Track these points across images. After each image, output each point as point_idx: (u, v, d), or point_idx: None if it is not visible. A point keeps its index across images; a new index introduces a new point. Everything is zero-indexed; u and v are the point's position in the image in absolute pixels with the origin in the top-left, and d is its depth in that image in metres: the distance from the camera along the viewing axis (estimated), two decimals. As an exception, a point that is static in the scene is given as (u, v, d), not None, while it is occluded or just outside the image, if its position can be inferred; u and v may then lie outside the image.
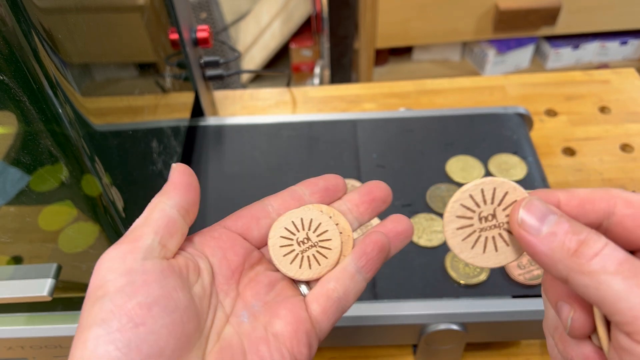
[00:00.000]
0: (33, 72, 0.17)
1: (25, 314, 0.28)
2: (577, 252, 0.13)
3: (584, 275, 0.13)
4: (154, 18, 0.31)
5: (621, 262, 0.13)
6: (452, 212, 0.15)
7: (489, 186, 0.15)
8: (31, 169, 0.20)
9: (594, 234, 0.13)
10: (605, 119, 0.47)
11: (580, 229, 0.14)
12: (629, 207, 0.14)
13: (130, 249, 0.14)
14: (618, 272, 0.13)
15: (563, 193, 0.15)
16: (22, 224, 0.23)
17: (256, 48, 1.12)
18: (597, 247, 0.13)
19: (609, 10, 0.98)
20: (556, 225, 0.14)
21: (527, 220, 0.14)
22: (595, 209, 0.14)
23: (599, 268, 0.13)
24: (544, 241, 0.14)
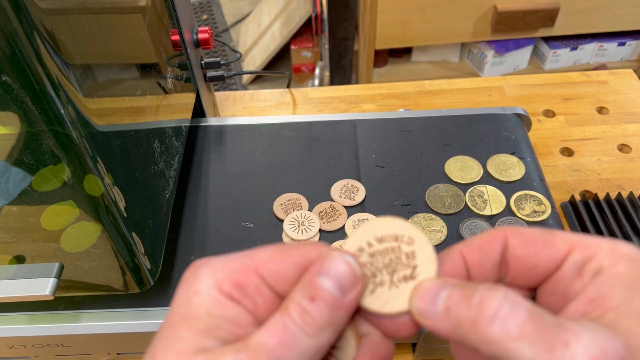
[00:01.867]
0: (35, 73, 0.18)
1: (27, 312, 0.28)
2: (475, 320, 0.12)
3: (490, 345, 0.12)
4: (156, 19, 0.32)
5: (523, 323, 0.12)
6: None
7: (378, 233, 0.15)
8: (33, 169, 0.20)
9: (488, 291, 0.12)
10: (603, 119, 0.47)
11: (471, 291, 0.13)
12: (518, 236, 0.14)
13: None
14: (522, 336, 0.11)
15: (462, 245, 0.15)
16: (24, 223, 0.23)
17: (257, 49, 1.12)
18: (494, 307, 0.12)
19: (607, 12, 0.98)
20: (448, 299, 0.13)
21: (422, 307, 0.14)
22: (494, 248, 0.15)
23: (501, 334, 0.12)
24: (443, 321, 0.13)
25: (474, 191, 0.35)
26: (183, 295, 0.13)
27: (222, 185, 0.36)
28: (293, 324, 0.13)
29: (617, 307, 0.12)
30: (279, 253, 0.14)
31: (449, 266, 0.15)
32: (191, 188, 0.36)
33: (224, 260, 0.14)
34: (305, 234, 0.32)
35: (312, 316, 0.13)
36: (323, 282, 0.13)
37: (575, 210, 0.40)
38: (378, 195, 0.35)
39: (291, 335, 0.12)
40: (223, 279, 0.13)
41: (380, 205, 0.34)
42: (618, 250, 0.13)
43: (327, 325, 0.13)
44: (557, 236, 0.14)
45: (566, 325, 0.12)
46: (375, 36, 0.96)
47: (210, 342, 0.12)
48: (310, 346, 0.13)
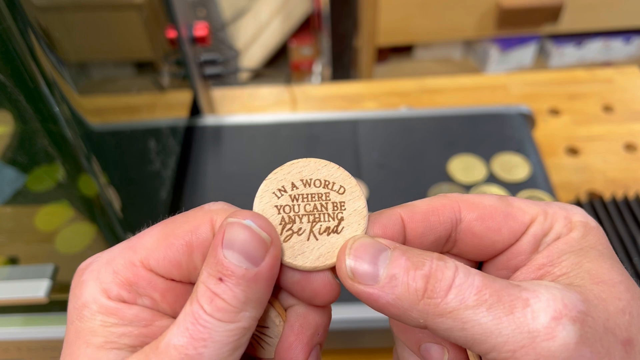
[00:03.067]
0: (30, 71, 0.17)
1: (21, 315, 0.27)
2: (427, 291, 0.11)
3: (444, 317, 0.11)
4: (152, 16, 0.31)
5: (480, 289, 0.11)
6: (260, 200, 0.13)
7: (298, 175, 0.13)
8: (28, 169, 0.20)
9: (439, 261, 0.11)
10: (609, 118, 0.47)
11: (421, 259, 0.11)
12: (474, 210, 0.13)
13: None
14: (480, 302, 0.10)
15: (403, 209, 0.13)
16: (18, 224, 0.23)
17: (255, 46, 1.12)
18: (448, 278, 0.11)
19: (612, 8, 0.97)
20: (393, 264, 0.11)
21: (359, 269, 0.11)
22: (441, 220, 0.13)
23: (457, 304, 0.11)
24: (385, 289, 0.11)
25: (477, 191, 0.35)
26: (73, 310, 0.12)
27: (220, 185, 0.36)
28: (204, 313, 0.11)
29: (567, 273, 0.12)
30: (164, 237, 0.12)
31: (381, 229, 0.13)
32: (188, 188, 0.36)
33: (107, 259, 0.12)
34: (305, 234, 0.32)
35: (224, 299, 0.11)
36: (229, 256, 0.11)
37: (579, 211, 0.39)
38: (379, 195, 0.35)
39: (203, 326, 0.11)
40: (108, 282, 0.12)
41: (382, 205, 0.34)
42: (572, 218, 0.13)
43: (243, 304, 0.11)
44: (514, 205, 0.13)
45: (523, 285, 0.11)
46: (376, 32, 0.95)
47: (113, 355, 0.11)
48: (229, 333, 0.11)
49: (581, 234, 0.12)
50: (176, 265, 0.12)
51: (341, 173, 0.13)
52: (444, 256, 0.12)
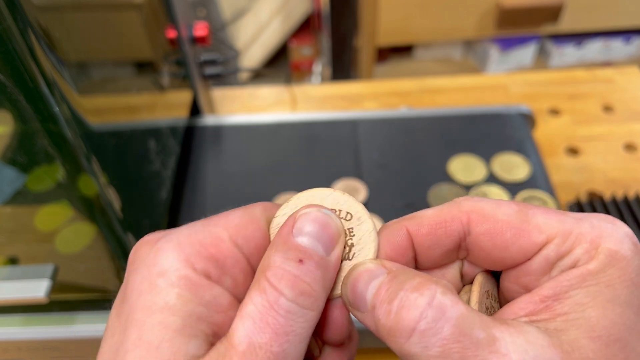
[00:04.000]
0: (29, 71, 0.17)
1: (21, 315, 0.27)
2: (392, 330, 0.10)
3: (406, 358, 0.10)
4: (152, 16, 0.31)
5: (445, 342, 0.10)
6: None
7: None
8: (27, 169, 0.20)
9: (412, 293, 0.10)
10: (609, 118, 0.47)
11: (395, 291, 0.10)
12: (483, 223, 0.12)
13: None
14: (443, 355, 0.09)
15: (410, 222, 0.12)
16: (18, 224, 0.23)
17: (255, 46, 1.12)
18: (413, 318, 0.10)
19: (612, 8, 0.97)
20: (376, 295, 0.11)
21: (353, 297, 0.11)
22: (448, 233, 0.12)
23: (418, 351, 0.10)
24: (369, 318, 0.11)
25: (477, 191, 0.35)
26: (143, 279, 0.10)
27: (220, 185, 0.36)
28: (285, 300, 0.10)
29: (568, 314, 0.10)
30: (251, 219, 0.11)
31: (388, 246, 0.12)
32: (188, 188, 0.36)
33: (187, 231, 0.11)
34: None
35: (307, 282, 0.10)
36: (302, 241, 0.11)
37: (581, 211, 0.39)
38: (379, 195, 0.35)
39: (284, 317, 0.10)
40: (193, 253, 0.10)
41: (382, 205, 0.34)
42: (600, 244, 0.11)
43: (323, 290, 0.10)
44: (532, 221, 0.11)
45: (498, 341, 0.10)
46: (377, 32, 0.95)
47: (194, 346, 0.10)
48: (308, 324, 0.10)
49: (601, 266, 0.11)
50: (259, 248, 0.11)
51: (346, 199, 0.13)
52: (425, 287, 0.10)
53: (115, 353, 0.10)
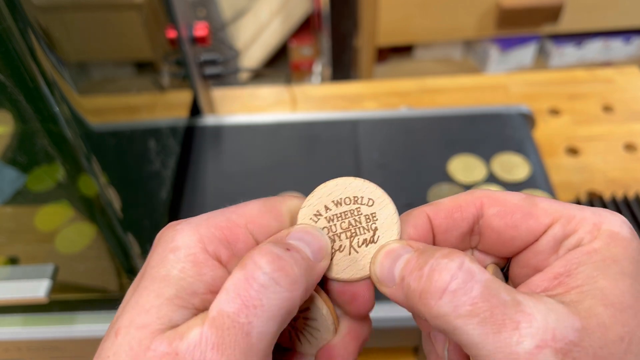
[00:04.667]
0: (29, 71, 0.17)
1: (21, 315, 0.27)
2: (423, 293, 0.11)
3: (437, 319, 0.11)
4: (152, 16, 0.31)
5: (475, 301, 0.11)
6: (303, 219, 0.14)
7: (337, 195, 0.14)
8: (27, 169, 0.20)
9: (442, 259, 0.11)
10: (609, 118, 0.47)
11: (424, 260, 0.11)
12: (495, 205, 0.13)
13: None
14: (473, 314, 0.10)
15: (429, 207, 0.14)
16: (18, 224, 0.23)
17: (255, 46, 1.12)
18: (444, 280, 0.11)
19: (612, 8, 0.97)
20: (404, 267, 0.12)
21: (380, 274, 0.13)
22: (464, 216, 0.13)
23: (450, 310, 0.11)
24: (398, 290, 0.12)
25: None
26: (158, 255, 0.12)
27: (220, 185, 0.36)
28: (261, 274, 0.11)
29: (581, 286, 0.11)
30: (268, 209, 0.13)
31: (412, 229, 0.13)
32: (188, 188, 0.36)
33: (207, 216, 0.12)
34: (305, 234, 0.32)
35: (288, 262, 0.11)
36: (296, 243, 0.12)
37: (580, 211, 0.39)
38: (379, 195, 0.35)
39: (256, 290, 0.10)
40: (208, 235, 0.12)
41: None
42: (601, 226, 0.12)
43: (301, 278, 0.11)
44: (538, 205, 0.13)
45: (522, 304, 0.11)
46: (377, 32, 0.95)
47: (179, 315, 0.11)
48: (280, 302, 0.11)
49: (605, 244, 0.12)
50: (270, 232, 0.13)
51: (368, 186, 0.14)
52: (454, 253, 0.11)
53: (115, 318, 0.11)
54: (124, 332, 0.11)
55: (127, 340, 0.11)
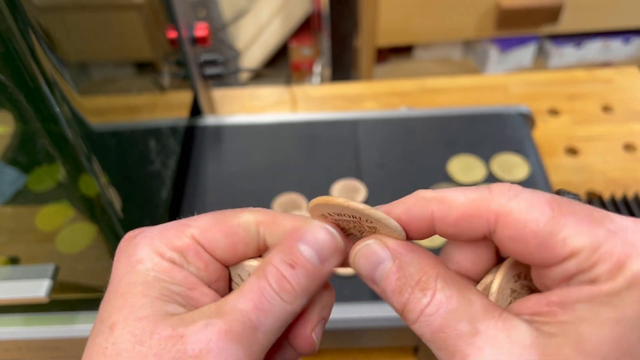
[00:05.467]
0: (30, 71, 0.17)
1: (22, 315, 0.27)
2: (402, 314, 0.13)
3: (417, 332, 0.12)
4: (152, 16, 0.31)
5: (435, 330, 0.12)
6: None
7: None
8: (28, 169, 0.20)
9: (418, 293, 0.12)
10: (609, 118, 0.47)
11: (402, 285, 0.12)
12: (509, 229, 0.12)
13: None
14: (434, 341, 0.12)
15: (438, 207, 0.13)
16: (19, 224, 0.23)
17: (255, 46, 1.12)
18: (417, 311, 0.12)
19: (612, 9, 0.97)
20: (385, 282, 0.13)
21: (361, 272, 0.13)
22: (473, 227, 0.12)
23: (422, 332, 0.12)
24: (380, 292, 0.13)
25: (476, 191, 0.35)
26: (124, 265, 0.13)
27: (220, 185, 0.36)
28: (271, 289, 0.12)
29: (565, 322, 0.11)
30: (217, 222, 0.14)
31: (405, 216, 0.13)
32: (188, 188, 0.36)
33: (159, 229, 0.14)
34: (305, 234, 0.32)
35: (290, 283, 0.13)
36: (303, 250, 0.13)
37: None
38: (379, 195, 0.35)
39: (267, 300, 0.12)
40: (162, 246, 0.13)
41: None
42: (625, 264, 0.11)
43: (304, 292, 0.13)
44: (560, 235, 0.11)
45: (479, 334, 0.11)
46: (376, 33, 0.95)
47: (171, 307, 0.12)
48: (285, 312, 0.13)
49: (617, 289, 0.11)
50: (221, 248, 0.14)
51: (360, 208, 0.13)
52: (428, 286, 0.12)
53: (100, 321, 0.12)
54: (122, 325, 0.11)
55: (128, 331, 0.11)
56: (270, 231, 0.14)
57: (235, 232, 0.14)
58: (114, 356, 0.11)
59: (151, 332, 0.11)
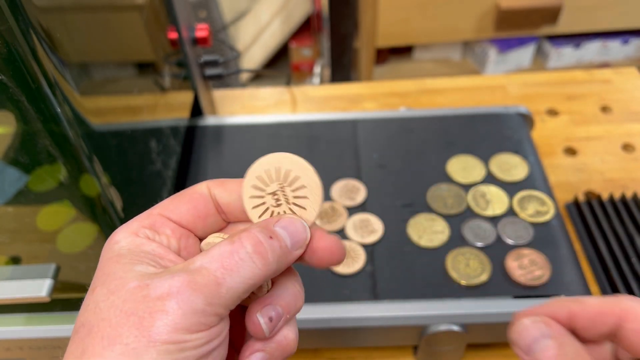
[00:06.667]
0: (31, 72, 0.17)
1: (23, 314, 0.27)
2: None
3: None
4: (153, 17, 0.31)
5: None
6: (248, 182, 0.16)
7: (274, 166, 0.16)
8: (29, 169, 0.20)
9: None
10: (607, 118, 0.47)
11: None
12: (634, 322, 0.15)
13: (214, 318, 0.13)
14: None
15: (576, 304, 0.15)
16: (20, 224, 0.23)
17: (256, 47, 1.12)
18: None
19: (610, 9, 0.97)
20: (543, 354, 0.14)
21: (517, 343, 0.15)
22: (605, 321, 0.15)
23: None
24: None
25: (476, 191, 0.35)
26: (106, 250, 0.15)
27: (222, 184, 0.36)
28: (244, 251, 0.13)
29: None
30: (176, 196, 0.16)
31: (550, 313, 0.15)
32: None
33: (136, 216, 0.16)
34: (305, 234, 0.32)
35: (266, 249, 0.14)
36: (280, 231, 0.15)
37: (579, 211, 0.39)
38: (379, 195, 0.35)
39: (237, 261, 0.13)
40: (135, 226, 0.15)
41: (381, 205, 0.34)
42: None
43: (273, 263, 0.14)
44: None
45: None
46: (376, 33, 0.95)
47: (143, 267, 0.14)
48: (253, 275, 0.13)
49: None
50: (183, 213, 0.16)
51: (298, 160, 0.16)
52: None
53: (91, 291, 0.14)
54: (100, 287, 0.13)
55: (105, 288, 0.13)
56: (219, 191, 0.16)
57: (192, 198, 0.16)
58: (92, 308, 0.13)
59: (123, 285, 0.13)
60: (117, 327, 0.12)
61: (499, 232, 0.32)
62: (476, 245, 0.32)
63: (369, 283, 0.30)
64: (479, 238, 0.32)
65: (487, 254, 0.31)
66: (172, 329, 0.12)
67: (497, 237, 0.32)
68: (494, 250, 0.31)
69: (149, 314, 0.12)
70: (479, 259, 0.31)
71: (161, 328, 0.12)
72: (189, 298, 0.12)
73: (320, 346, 0.31)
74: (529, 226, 0.32)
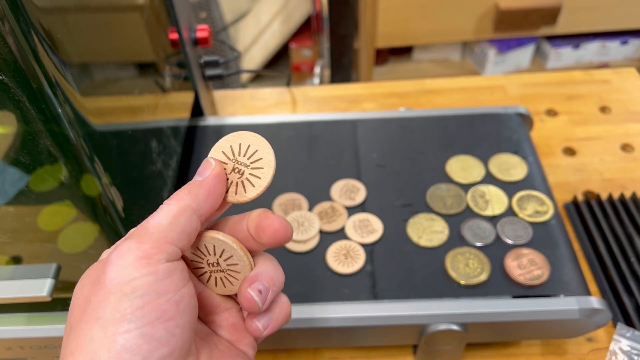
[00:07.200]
0: (32, 72, 0.17)
1: (24, 314, 0.27)
2: None
3: None
4: (154, 17, 0.31)
5: None
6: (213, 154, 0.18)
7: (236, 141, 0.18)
8: (30, 169, 0.20)
9: None
10: (606, 118, 0.47)
11: None
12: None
13: (154, 251, 0.15)
14: None
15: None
16: (21, 224, 0.23)
17: (256, 48, 1.12)
18: None
19: (609, 10, 0.98)
20: None
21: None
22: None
23: None
24: None
25: (475, 191, 0.35)
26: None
27: (222, 184, 0.36)
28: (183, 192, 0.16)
29: None
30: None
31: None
32: (190, 188, 0.36)
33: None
34: (305, 234, 0.32)
35: (179, 193, 0.16)
36: (195, 177, 0.18)
37: (578, 211, 0.40)
38: (379, 195, 0.35)
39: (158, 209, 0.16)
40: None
41: (381, 205, 0.34)
42: None
43: (186, 195, 0.16)
44: None
45: None
46: (376, 34, 0.96)
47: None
48: (170, 210, 0.16)
49: None
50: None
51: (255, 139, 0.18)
52: None
53: None
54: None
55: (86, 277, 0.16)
56: None
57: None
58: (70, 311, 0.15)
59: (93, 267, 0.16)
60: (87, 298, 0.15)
61: (498, 232, 0.32)
62: (475, 245, 0.32)
63: (368, 283, 0.30)
64: (479, 238, 0.32)
65: (486, 254, 0.31)
66: (118, 273, 0.14)
67: (497, 236, 0.32)
68: (493, 250, 0.31)
69: (102, 273, 0.15)
70: (478, 258, 0.31)
71: (111, 274, 0.14)
72: (124, 245, 0.15)
73: (320, 346, 0.31)
74: (528, 226, 0.32)
